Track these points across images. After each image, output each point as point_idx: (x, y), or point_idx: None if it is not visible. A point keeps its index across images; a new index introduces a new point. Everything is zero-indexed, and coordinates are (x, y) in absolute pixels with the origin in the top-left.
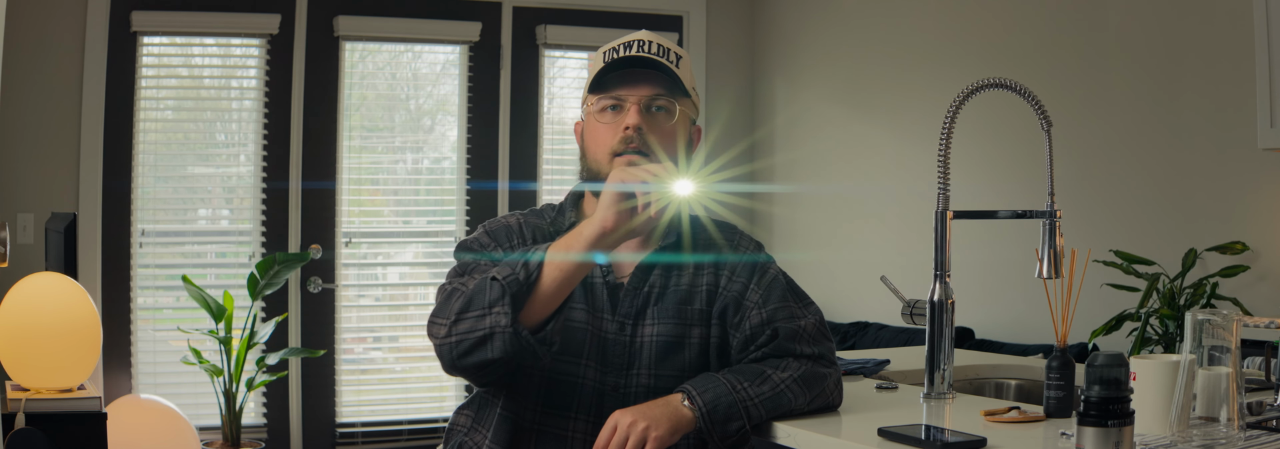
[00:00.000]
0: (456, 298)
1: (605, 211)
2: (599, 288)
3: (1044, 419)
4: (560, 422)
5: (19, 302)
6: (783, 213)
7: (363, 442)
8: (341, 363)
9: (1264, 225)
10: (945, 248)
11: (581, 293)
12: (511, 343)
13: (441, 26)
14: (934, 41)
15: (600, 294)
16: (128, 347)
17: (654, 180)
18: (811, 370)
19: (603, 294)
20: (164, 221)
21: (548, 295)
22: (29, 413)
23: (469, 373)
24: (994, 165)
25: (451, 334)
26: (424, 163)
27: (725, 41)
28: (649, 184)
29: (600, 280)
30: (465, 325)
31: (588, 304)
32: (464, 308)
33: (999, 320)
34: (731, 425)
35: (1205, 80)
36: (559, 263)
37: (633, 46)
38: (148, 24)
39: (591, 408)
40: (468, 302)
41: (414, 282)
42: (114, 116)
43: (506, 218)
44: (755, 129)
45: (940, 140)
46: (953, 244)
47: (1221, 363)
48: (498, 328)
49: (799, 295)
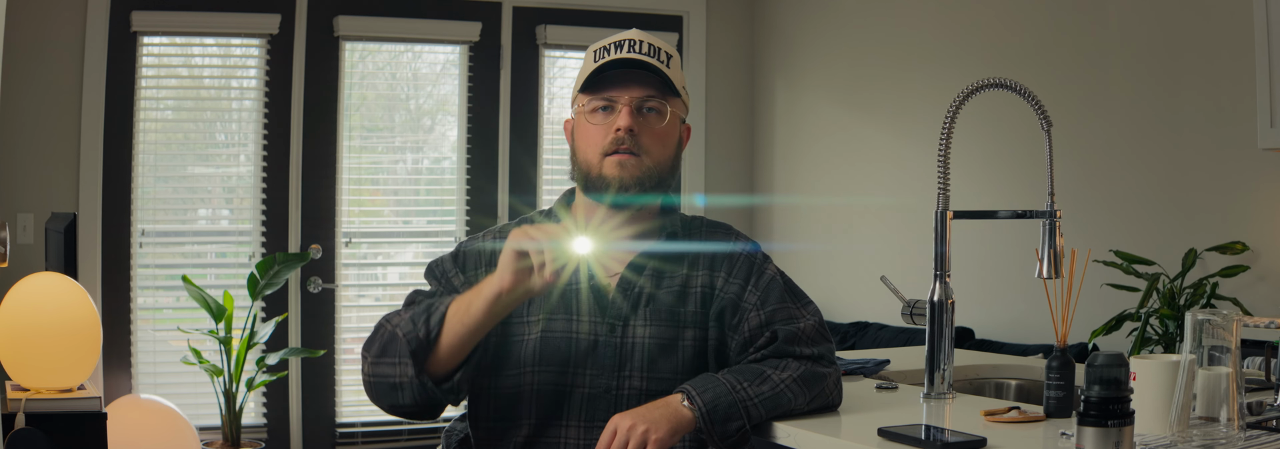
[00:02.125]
0: (380, 336)
1: (502, 272)
2: (584, 292)
3: (1044, 419)
4: (554, 428)
5: (19, 302)
6: (782, 213)
7: (363, 442)
8: (341, 363)
9: (1264, 225)
10: (945, 248)
11: (560, 301)
12: (419, 393)
13: (441, 26)
14: (934, 41)
15: (585, 298)
16: (128, 347)
17: (551, 240)
18: (811, 370)
19: (588, 298)
20: (164, 222)
21: (450, 350)
22: (29, 413)
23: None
24: (994, 165)
25: (369, 375)
26: (424, 163)
27: (725, 41)
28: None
29: (584, 284)
30: (380, 370)
31: (569, 312)
32: (381, 352)
33: (999, 320)
34: (731, 425)
35: (1205, 80)
36: (457, 321)
37: (623, 46)
38: (148, 24)
39: (583, 412)
40: (383, 347)
41: (414, 282)
42: (114, 116)
43: (485, 237)
44: (755, 129)
45: (940, 140)
46: (953, 244)
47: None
48: (405, 378)
49: (797, 295)
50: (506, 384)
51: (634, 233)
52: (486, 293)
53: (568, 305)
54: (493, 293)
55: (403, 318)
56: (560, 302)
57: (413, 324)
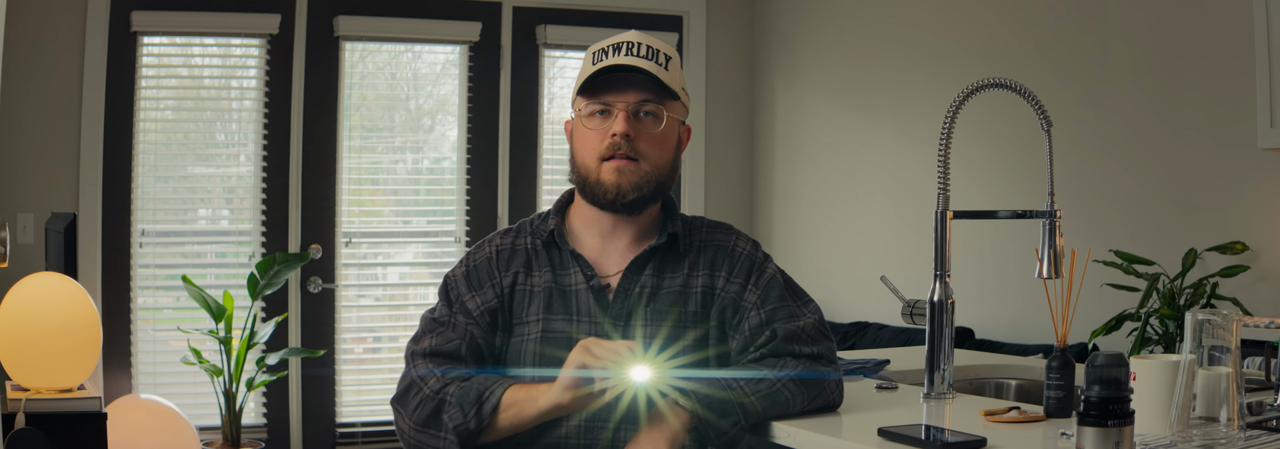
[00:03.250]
0: (415, 398)
1: (562, 394)
2: (584, 293)
3: (1044, 419)
4: (554, 429)
5: (19, 302)
6: (782, 213)
7: (363, 442)
8: (341, 363)
9: (1264, 225)
10: (945, 248)
11: (560, 302)
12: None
13: (441, 26)
14: (934, 41)
15: (585, 299)
16: (128, 347)
17: (613, 365)
18: (810, 369)
19: (588, 299)
20: (164, 222)
21: (496, 437)
22: (29, 413)
23: None
24: (994, 165)
25: (413, 436)
26: (424, 163)
27: (725, 41)
28: (608, 370)
29: (584, 285)
30: (425, 438)
31: (569, 312)
32: (424, 422)
33: (999, 320)
34: (727, 421)
35: (1205, 80)
36: (507, 419)
37: (621, 49)
38: (148, 24)
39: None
40: (426, 418)
41: (414, 282)
42: (114, 116)
43: (485, 246)
44: (755, 129)
45: (940, 140)
46: (953, 244)
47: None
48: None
49: (798, 294)
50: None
51: (634, 232)
52: (543, 405)
53: (568, 305)
54: (550, 406)
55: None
56: (560, 301)
57: (462, 412)
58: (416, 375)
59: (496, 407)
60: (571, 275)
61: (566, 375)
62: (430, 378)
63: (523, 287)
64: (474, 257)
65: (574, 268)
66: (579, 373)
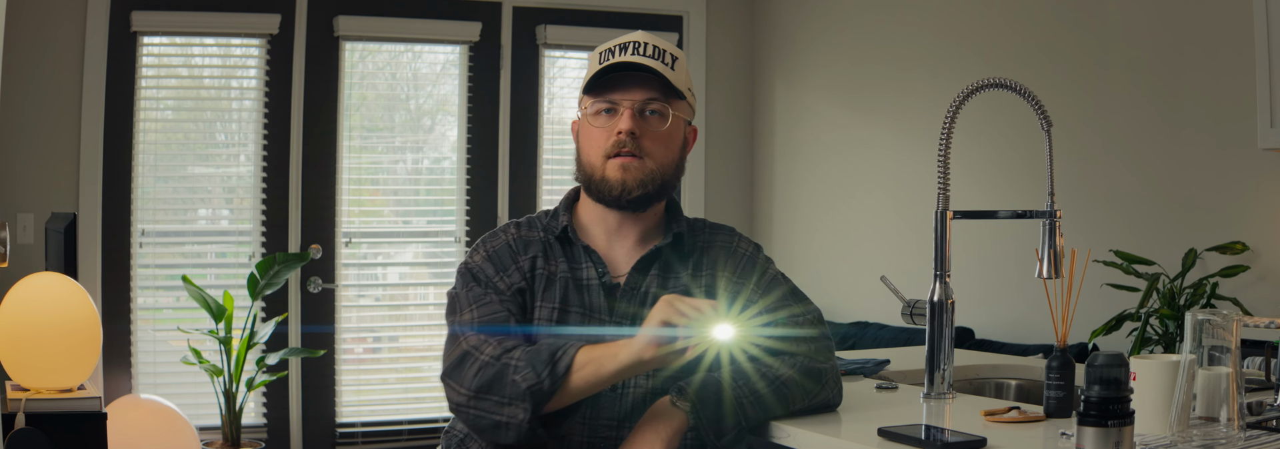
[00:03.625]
0: (472, 367)
1: (645, 349)
2: (595, 289)
3: (1044, 419)
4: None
5: (19, 302)
6: (783, 213)
7: (363, 442)
8: (341, 363)
9: (1264, 225)
10: (945, 248)
11: (576, 295)
12: (527, 435)
13: (441, 26)
14: (934, 41)
15: (597, 295)
16: (128, 347)
17: (697, 323)
18: (810, 367)
19: (599, 295)
20: (164, 222)
21: (567, 400)
22: (29, 413)
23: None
24: (994, 165)
25: (470, 407)
26: (424, 163)
27: (725, 41)
28: (691, 327)
29: (597, 281)
30: (484, 406)
31: (583, 306)
32: (484, 388)
33: (999, 320)
34: (726, 422)
35: (1205, 80)
36: (583, 378)
37: (628, 48)
38: (148, 24)
39: (587, 410)
40: (488, 384)
41: (414, 281)
42: (114, 116)
43: (501, 234)
44: (755, 129)
45: (940, 140)
46: (953, 244)
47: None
48: (514, 421)
49: (798, 296)
50: None
51: (639, 232)
52: (624, 360)
53: (582, 299)
54: (632, 361)
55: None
56: (576, 293)
57: (535, 372)
58: (469, 345)
59: (571, 366)
60: (585, 270)
61: (649, 331)
62: (485, 345)
63: (542, 271)
64: (490, 245)
65: (587, 263)
66: (662, 330)
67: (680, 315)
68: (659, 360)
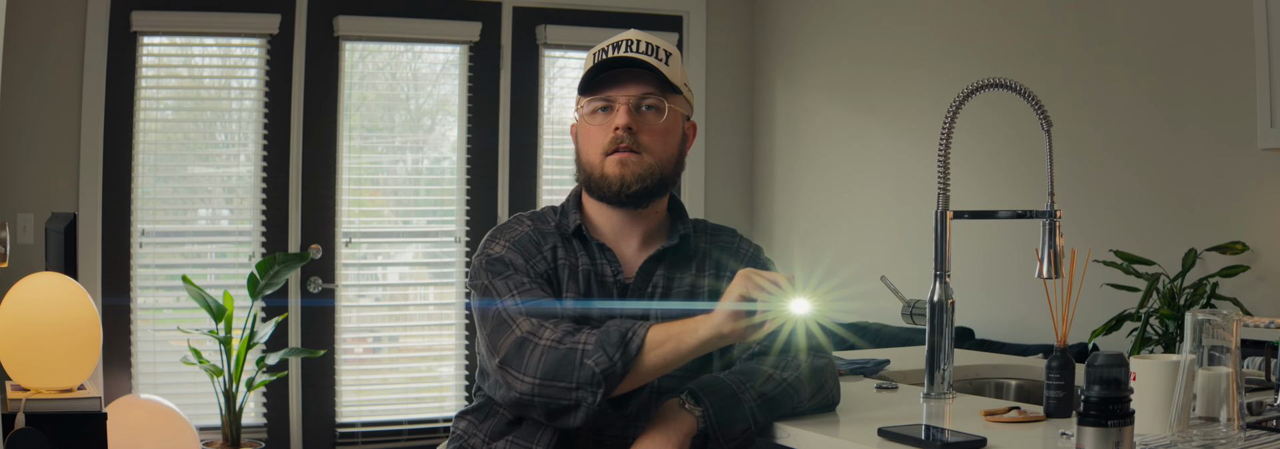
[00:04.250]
0: (533, 353)
1: (725, 323)
2: (611, 285)
3: (1044, 419)
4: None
5: (19, 302)
6: (783, 213)
7: (363, 442)
8: (341, 363)
9: (1264, 225)
10: (945, 248)
11: (599, 288)
12: (596, 418)
13: (441, 26)
14: (934, 41)
15: (613, 291)
16: (128, 347)
17: (774, 297)
18: (811, 367)
19: (614, 291)
20: (164, 222)
21: (639, 380)
22: (29, 413)
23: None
24: (994, 165)
25: (537, 394)
26: (424, 163)
27: (725, 41)
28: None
29: (612, 279)
30: (552, 392)
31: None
32: (551, 374)
33: (999, 320)
34: (737, 427)
35: (1205, 79)
36: (659, 355)
37: (621, 46)
38: (148, 24)
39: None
40: (555, 369)
41: (414, 281)
42: (114, 116)
43: (516, 226)
44: (755, 129)
45: (940, 140)
46: (953, 244)
47: (1221, 363)
48: (585, 403)
49: None
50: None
51: (643, 233)
52: (704, 335)
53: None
54: (712, 335)
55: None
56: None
57: (607, 355)
58: (525, 331)
59: (643, 345)
60: (601, 266)
61: (728, 305)
62: (542, 330)
63: (565, 262)
64: (508, 235)
65: (603, 260)
66: (741, 305)
67: (759, 289)
68: (738, 334)
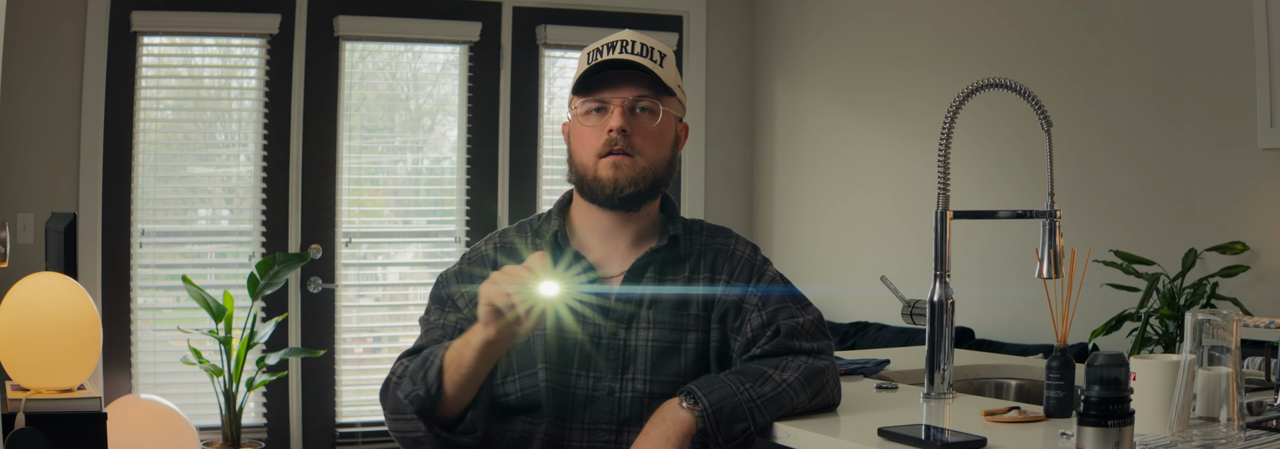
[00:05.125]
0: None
1: (486, 329)
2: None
3: (1044, 419)
4: (556, 429)
5: (19, 302)
6: (782, 213)
7: (363, 442)
8: (341, 363)
9: (1264, 225)
10: (945, 248)
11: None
12: (440, 444)
13: (441, 26)
14: (934, 41)
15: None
16: (128, 347)
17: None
18: (812, 366)
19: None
20: (164, 222)
21: (454, 399)
22: (29, 413)
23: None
24: (994, 165)
25: (392, 430)
26: (424, 163)
27: (725, 41)
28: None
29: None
30: (399, 426)
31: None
32: (393, 410)
33: (999, 320)
34: (736, 427)
35: (1205, 80)
36: (454, 372)
37: (615, 47)
38: (148, 24)
39: (585, 414)
40: (394, 406)
41: (414, 281)
42: (114, 116)
43: (484, 245)
44: (755, 129)
45: (940, 140)
46: (953, 244)
47: (1221, 363)
48: (421, 433)
49: (798, 297)
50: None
51: (634, 234)
52: (475, 344)
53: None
54: (481, 343)
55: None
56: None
57: (413, 383)
58: (392, 372)
59: (441, 368)
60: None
61: (481, 310)
62: (397, 367)
63: None
64: (469, 256)
65: (577, 269)
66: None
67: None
68: (504, 333)
